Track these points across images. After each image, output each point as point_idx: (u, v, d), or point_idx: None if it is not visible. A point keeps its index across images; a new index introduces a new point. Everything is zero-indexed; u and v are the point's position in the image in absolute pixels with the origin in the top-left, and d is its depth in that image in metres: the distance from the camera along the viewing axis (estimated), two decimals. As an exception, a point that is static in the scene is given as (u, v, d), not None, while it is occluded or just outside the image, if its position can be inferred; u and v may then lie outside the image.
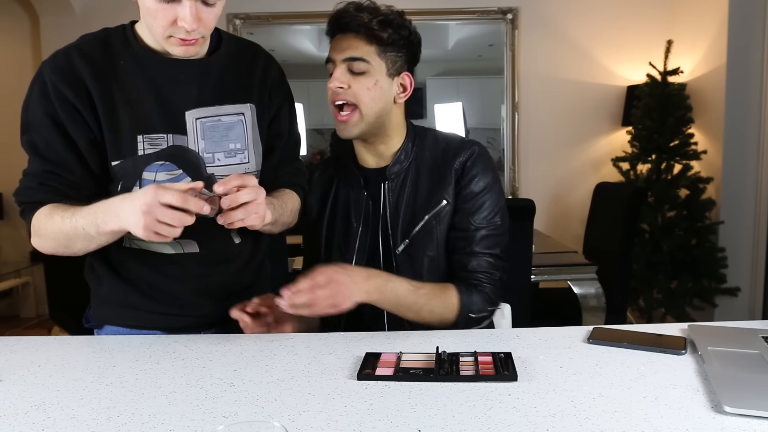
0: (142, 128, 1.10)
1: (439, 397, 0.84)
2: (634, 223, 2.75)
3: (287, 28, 4.10)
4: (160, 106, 1.11)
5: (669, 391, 0.84)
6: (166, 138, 1.11)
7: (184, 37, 1.04)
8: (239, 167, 1.18)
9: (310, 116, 4.13)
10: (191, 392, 0.88)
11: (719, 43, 3.40)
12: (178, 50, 1.08)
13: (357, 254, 1.29)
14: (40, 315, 4.30)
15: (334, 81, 1.21)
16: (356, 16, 1.19)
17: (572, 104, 4.02)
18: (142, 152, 1.10)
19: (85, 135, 1.09)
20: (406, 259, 1.26)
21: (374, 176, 1.30)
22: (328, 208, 1.34)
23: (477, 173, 1.25)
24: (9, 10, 4.14)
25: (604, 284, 2.44)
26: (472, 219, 1.25)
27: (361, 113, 1.22)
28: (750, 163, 3.36)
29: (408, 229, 1.26)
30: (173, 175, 1.12)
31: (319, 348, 1.06)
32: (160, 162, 1.11)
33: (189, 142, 1.13)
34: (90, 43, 1.12)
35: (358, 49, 1.20)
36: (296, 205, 1.28)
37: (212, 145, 1.15)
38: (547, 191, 4.03)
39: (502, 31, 3.98)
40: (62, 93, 1.07)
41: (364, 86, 1.21)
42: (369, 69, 1.21)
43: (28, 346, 1.10)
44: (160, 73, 1.12)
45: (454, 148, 1.28)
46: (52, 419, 0.80)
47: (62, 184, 1.10)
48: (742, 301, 3.36)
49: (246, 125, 1.19)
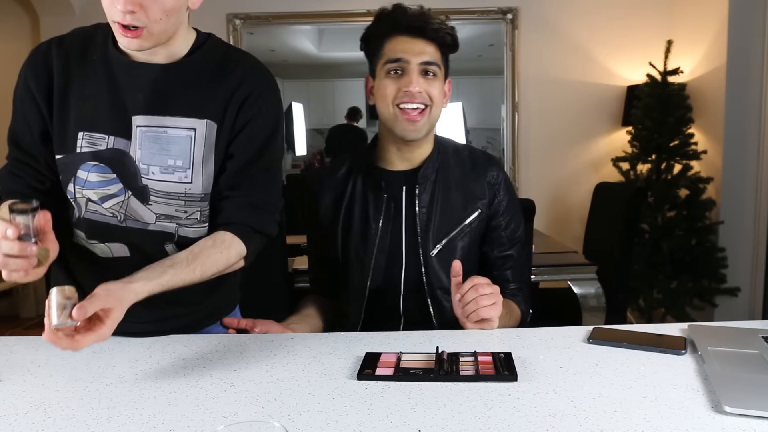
0: (86, 126, 1.07)
1: (439, 397, 0.84)
2: (634, 223, 2.74)
3: (287, 28, 4.10)
4: (110, 107, 1.07)
5: (669, 391, 0.84)
6: (107, 139, 1.07)
7: (119, 20, 0.97)
8: (178, 185, 1.09)
9: (310, 116, 4.14)
10: (191, 392, 0.87)
11: (719, 43, 3.40)
12: (122, 41, 1.02)
13: (376, 255, 1.30)
14: (40, 315, 4.28)
15: (415, 85, 1.24)
16: (431, 22, 1.25)
17: (572, 104, 4.02)
18: (79, 149, 1.08)
19: (38, 126, 1.10)
20: (439, 262, 1.30)
21: (397, 179, 1.32)
22: (344, 208, 1.34)
23: (506, 192, 1.36)
24: (9, 10, 4.14)
25: (604, 284, 2.44)
26: (506, 234, 1.35)
27: (431, 115, 1.27)
28: (750, 163, 3.36)
29: (442, 234, 1.31)
30: (105, 177, 1.08)
31: (319, 348, 1.06)
32: (94, 163, 1.08)
33: (131, 149, 1.08)
34: (75, 36, 1.12)
35: (433, 55, 1.26)
36: (228, 261, 1.09)
37: (149, 156, 1.08)
38: (547, 191, 4.03)
39: (502, 31, 3.98)
40: (27, 82, 1.09)
41: (436, 89, 1.27)
42: (439, 74, 1.27)
43: (28, 346, 1.10)
44: (121, 73, 1.08)
45: (484, 161, 1.36)
46: (52, 419, 0.80)
47: (28, 174, 1.12)
48: (742, 301, 3.36)
49: (194, 142, 1.09)
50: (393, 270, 1.31)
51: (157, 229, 1.12)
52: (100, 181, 1.08)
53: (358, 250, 1.32)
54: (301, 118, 4.14)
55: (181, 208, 1.12)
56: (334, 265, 1.37)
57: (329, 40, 4.17)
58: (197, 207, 1.12)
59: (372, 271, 1.30)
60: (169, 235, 1.13)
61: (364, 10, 3.90)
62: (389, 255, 1.31)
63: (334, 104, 4.24)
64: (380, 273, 1.31)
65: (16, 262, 0.88)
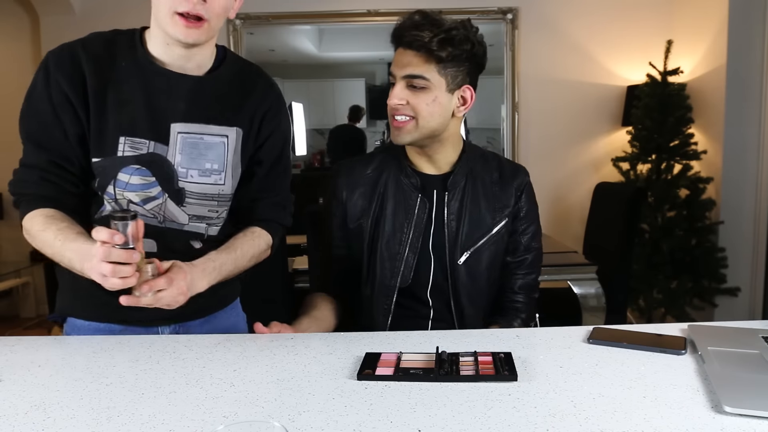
0: (127, 130, 1.12)
1: (439, 397, 0.84)
2: (634, 223, 2.74)
3: (287, 28, 4.10)
4: (148, 113, 1.12)
5: (669, 391, 0.84)
6: (147, 144, 1.12)
7: (188, 10, 1.03)
8: (213, 187, 1.19)
9: (310, 116, 4.13)
10: (191, 392, 0.88)
11: (719, 43, 3.40)
12: (182, 32, 1.06)
13: (408, 254, 1.32)
14: (40, 315, 4.30)
15: (393, 98, 1.24)
16: (417, 35, 1.20)
17: (572, 104, 4.02)
18: (121, 153, 1.12)
19: (74, 129, 1.11)
20: (466, 270, 1.32)
21: (429, 182, 1.33)
22: (375, 204, 1.34)
23: (529, 200, 1.38)
24: (9, 10, 4.14)
25: (604, 284, 2.44)
26: (523, 241, 1.37)
27: (418, 124, 1.25)
28: (750, 163, 3.36)
29: (470, 242, 1.32)
30: (147, 181, 1.14)
31: (319, 348, 1.06)
32: (137, 166, 1.13)
33: (168, 153, 1.14)
34: (96, 39, 1.14)
35: (418, 67, 1.22)
36: (260, 248, 1.25)
37: (188, 161, 1.16)
38: (547, 191, 4.03)
39: (502, 31, 3.98)
40: (60, 85, 1.09)
41: (422, 101, 1.23)
42: (428, 85, 1.23)
43: (28, 346, 1.10)
44: (156, 81, 1.13)
45: (511, 169, 1.38)
46: (52, 419, 0.80)
47: (64, 179, 1.13)
48: (742, 301, 3.36)
49: (228, 148, 1.19)
50: (421, 271, 1.33)
51: (190, 229, 1.21)
52: (142, 184, 1.14)
53: (388, 247, 1.32)
54: (301, 118, 4.15)
55: (213, 209, 1.22)
56: (355, 262, 1.37)
57: (329, 40, 4.17)
58: (225, 206, 1.24)
59: (402, 270, 1.31)
60: (200, 235, 1.22)
61: (364, 10, 3.90)
62: (419, 256, 1.32)
63: (334, 104, 4.24)
64: (409, 272, 1.32)
65: (125, 269, 0.95)
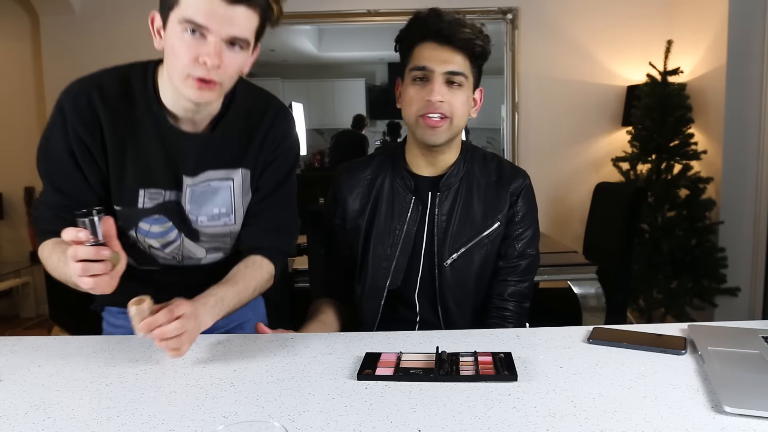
0: (145, 183, 1.15)
1: (439, 397, 0.84)
2: (634, 223, 2.74)
3: (287, 28, 4.10)
4: (163, 166, 1.15)
5: (669, 391, 0.84)
6: (164, 193, 1.16)
7: (203, 75, 1.03)
8: (224, 228, 1.23)
9: (310, 116, 4.13)
10: (191, 392, 0.88)
11: (719, 43, 3.40)
12: (194, 93, 1.05)
13: (398, 256, 1.30)
14: (40, 315, 4.30)
15: (436, 95, 1.21)
16: (460, 30, 1.21)
17: (572, 104, 4.02)
18: (141, 206, 1.16)
19: (94, 177, 1.14)
20: (453, 272, 1.30)
21: (424, 183, 1.32)
22: (370, 204, 1.34)
23: (526, 204, 1.34)
24: (9, 10, 4.14)
25: (604, 284, 2.44)
26: (517, 246, 1.33)
27: (452, 124, 1.24)
28: (750, 163, 3.36)
29: (457, 244, 1.30)
30: (165, 227, 1.19)
31: (319, 348, 1.06)
32: (156, 216, 1.17)
33: (182, 200, 1.18)
34: (111, 83, 1.13)
35: (460, 64, 1.22)
36: (262, 278, 1.22)
37: (197, 207, 1.19)
38: (547, 191, 4.03)
39: (502, 31, 3.98)
40: (79, 135, 1.10)
41: (459, 100, 1.24)
42: (465, 83, 1.24)
43: (28, 346, 1.10)
44: (169, 136, 1.14)
45: (510, 173, 1.34)
46: (52, 419, 0.80)
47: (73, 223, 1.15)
48: (742, 301, 3.36)
49: (234, 191, 1.21)
50: (411, 273, 1.32)
51: (207, 262, 1.27)
52: (161, 231, 1.20)
53: (379, 248, 1.32)
54: (301, 118, 4.15)
55: (227, 243, 1.27)
56: (352, 262, 1.37)
57: (329, 40, 4.17)
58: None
59: (392, 272, 1.30)
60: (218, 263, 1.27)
61: (364, 10, 3.90)
62: (410, 258, 1.31)
63: (334, 104, 4.24)
64: (399, 275, 1.31)
65: (96, 266, 0.92)
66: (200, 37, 1.01)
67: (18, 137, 4.15)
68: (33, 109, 4.12)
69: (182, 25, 1.00)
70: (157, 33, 1.07)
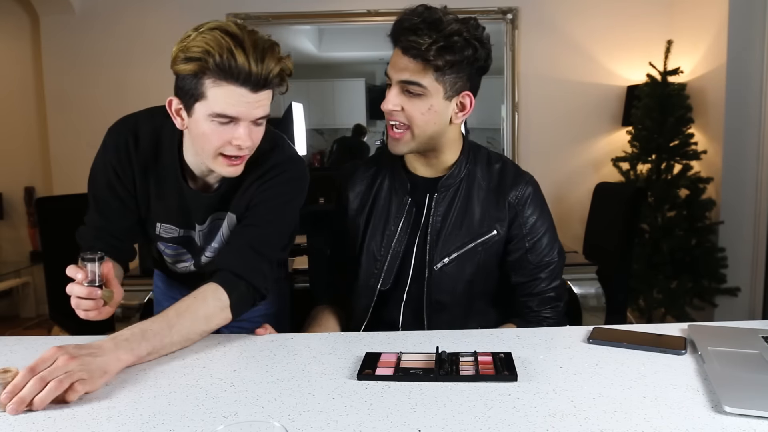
0: (162, 219, 1.29)
1: (439, 397, 0.84)
2: (634, 223, 2.74)
3: (287, 28, 4.10)
4: (179, 212, 1.27)
5: (669, 391, 0.84)
6: (178, 231, 1.30)
7: (236, 154, 1.11)
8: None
9: (310, 116, 4.13)
10: (191, 392, 0.88)
11: (719, 43, 3.40)
12: (226, 170, 1.14)
13: (391, 257, 1.29)
14: (40, 315, 4.30)
15: (388, 103, 1.19)
16: (414, 40, 1.12)
17: (572, 104, 4.02)
18: (158, 232, 1.31)
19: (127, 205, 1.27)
20: (443, 277, 1.27)
21: (422, 184, 1.30)
22: (368, 204, 1.34)
23: (533, 211, 1.28)
24: (9, 10, 4.13)
25: (604, 284, 2.44)
26: (531, 258, 1.28)
27: (413, 134, 1.20)
28: (750, 163, 3.35)
29: (451, 248, 1.26)
30: (178, 252, 1.36)
31: (319, 348, 1.06)
32: (170, 243, 1.33)
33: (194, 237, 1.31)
34: (146, 132, 1.23)
35: (414, 74, 1.15)
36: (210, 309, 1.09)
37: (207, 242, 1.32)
38: (547, 191, 3.96)
39: (502, 31, 3.98)
40: (115, 170, 1.23)
41: (417, 110, 1.18)
42: (424, 92, 1.17)
43: (28, 346, 1.10)
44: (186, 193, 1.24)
45: (510, 180, 1.29)
46: (52, 419, 0.80)
47: (109, 242, 1.27)
48: (742, 301, 3.36)
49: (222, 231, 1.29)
50: (402, 276, 1.30)
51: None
52: (174, 254, 1.37)
53: (374, 248, 1.31)
54: (301, 118, 4.15)
55: None
56: (350, 262, 1.36)
57: (329, 40, 4.17)
58: None
59: (383, 273, 1.29)
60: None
61: (364, 10, 3.90)
62: (402, 260, 1.29)
63: (334, 104, 4.24)
64: (390, 276, 1.29)
65: (87, 303, 1.05)
66: (229, 122, 1.08)
67: (18, 137, 4.15)
68: (33, 108, 4.11)
69: (212, 116, 1.07)
70: (177, 114, 1.13)
